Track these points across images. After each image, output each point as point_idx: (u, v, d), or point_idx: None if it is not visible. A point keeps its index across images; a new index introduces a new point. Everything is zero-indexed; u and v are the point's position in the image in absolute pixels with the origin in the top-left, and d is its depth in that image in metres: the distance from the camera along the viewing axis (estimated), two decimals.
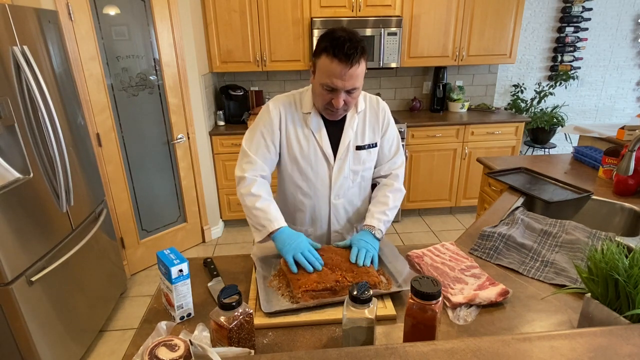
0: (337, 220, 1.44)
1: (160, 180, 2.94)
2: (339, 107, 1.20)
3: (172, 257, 0.99)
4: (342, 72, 1.13)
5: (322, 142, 1.32)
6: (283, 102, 1.33)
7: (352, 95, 1.21)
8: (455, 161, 3.52)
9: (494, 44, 3.49)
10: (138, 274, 2.91)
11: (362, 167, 1.38)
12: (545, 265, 1.23)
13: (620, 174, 1.59)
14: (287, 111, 1.32)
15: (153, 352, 0.70)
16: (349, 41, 1.11)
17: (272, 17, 3.19)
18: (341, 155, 1.34)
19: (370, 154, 1.39)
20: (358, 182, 1.41)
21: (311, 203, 1.40)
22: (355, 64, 1.13)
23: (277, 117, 1.31)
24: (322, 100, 1.22)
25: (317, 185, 1.37)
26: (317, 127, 1.32)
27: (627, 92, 4.25)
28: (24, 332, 1.70)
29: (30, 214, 1.73)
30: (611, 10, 3.90)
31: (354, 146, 1.35)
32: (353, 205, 1.45)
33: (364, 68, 1.18)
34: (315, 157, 1.34)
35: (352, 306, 0.83)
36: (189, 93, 2.93)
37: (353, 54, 1.11)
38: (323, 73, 1.16)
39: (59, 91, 2.00)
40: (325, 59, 1.14)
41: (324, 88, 1.19)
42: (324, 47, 1.14)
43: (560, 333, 0.79)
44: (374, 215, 1.33)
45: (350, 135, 1.34)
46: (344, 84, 1.15)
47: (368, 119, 1.37)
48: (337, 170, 1.35)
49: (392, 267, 1.19)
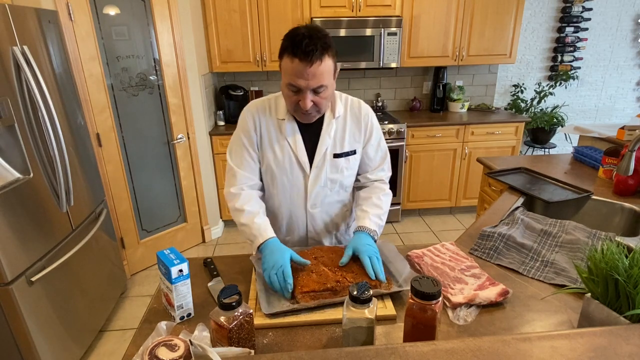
0: (314, 229, 1.39)
1: (160, 180, 2.94)
2: (306, 108, 1.15)
3: (172, 257, 0.99)
4: (303, 71, 1.08)
5: (297, 150, 1.27)
6: (258, 108, 1.29)
7: (320, 94, 1.14)
8: (455, 161, 3.52)
9: (494, 44, 3.49)
10: (138, 274, 2.91)
11: (340, 176, 1.32)
12: (545, 265, 1.23)
13: (620, 174, 1.59)
14: (262, 117, 1.28)
15: (153, 352, 0.70)
16: (308, 38, 1.06)
17: (272, 17, 3.19)
18: (317, 164, 1.29)
19: (349, 162, 1.32)
20: (336, 190, 1.35)
21: (287, 212, 1.35)
22: (317, 61, 1.07)
23: (252, 123, 1.28)
24: (291, 103, 1.18)
25: (292, 195, 1.32)
26: (292, 134, 1.27)
27: (627, 92, 4.25)
28: (23, 332, 1.70)
29: (30, 214, 1.73)
30: (611, 10, 3.90)
31: (331, 154, 1.29)
32: (330, 213, 1.39)
33: (331, 65, 1.13)
34: (290, 166, 1.29)
35: (352, 306, 0.83)
36: (189, 93, 2.93)
37: (312, 50, 1.06)
38: (286, 73, 1.12)
39: (59, 91, 1.99)
40: (286, 59, 1.10)
41: (289, 89, 1.14)
42: (285, 47, 1.10)
43: (560, 333, 0.79)
44: (371, 218, 1.28)
45: (327, 142, 1.28)
46: (308, 82, 1.10)
47: (348, 125, 1.30)
48: (313, 179, 1.30)
49: (392, 267, 1.19)
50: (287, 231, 1.40)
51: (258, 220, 1.23)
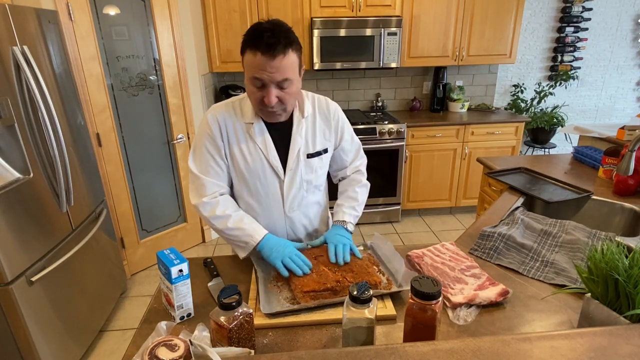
0: (294, 232, 1.37)
1: (160, 180, 2.94)
2: (271, 104, 1.10)
3: (172, 257, 0.99)
4: (266, 64, 1.05)
5: (269, 154, 1.23)
6: (222, 112, 1.23)
7: (285, 90, 1.11)
8: (455, 161, 3.52)
9: (494, 44, 3.49)
10: (138, 274, 2.91)
11: (314, 176, 1.30)
12: (545, 265, 1.23)
13: (620, 174, 1.59)
14: (228, 121, 1.22)
15: (153, 352, 0.70)
16: (270, 31, 1.04)
17: (272, 17, 3.17)
18: (291, 166, 1.25)
19: (322, 161, 1.31)
20: (312, 191, 1.33)
21: (264, 219, 1.30)
22: (280, 54, 1.04)
23: (217, 129, 1.21)
24: (255, 100, 1.13)
25: (269, 201, 1.28)
26: (262, 137, 1.22)
27: (627, 92, 4.25)
28: (23, 332, 1.70)
29: (30, 214, 1.73)
30: (611, 10, 3.90)
31: (304, 154, 1.26)
32: (308, 214, 1.37)
33: (295, 60, 1.10)
34: (263, 171, 1.24)
35: (352, 306, 0.83)
36: (189, 93, 2.93)
37: (275, 43, 1.03)
38: (250, 68, 1.08)
39: (59, 91, 1.99)
40: (249, 54, 1.07)
41: (253, 85, 1.10)
42: (246, 41, 1.07)
43: (560, 333, 0.79)
44: (344, 211, 1.32)
45: (299, 142, 1.24)
46: (271, 75, 1.06)
47: (318, 124, 1.28)
48: (288, 182, 1.26)
49: (391, 266, 1.19)
50: None
51: (248, 221, 1.22)
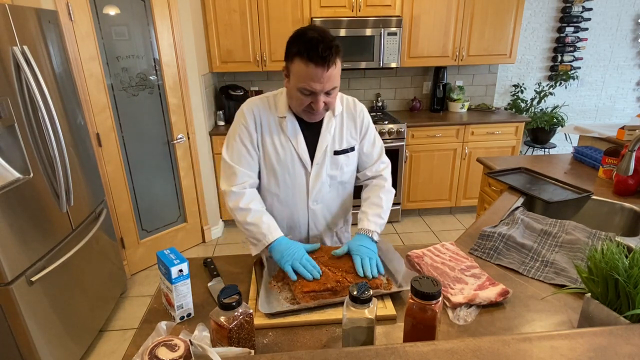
0: (315, 226, 1.41)
1: (160, 180, 2.94)
2: (319, 110, 1.18)
3: (172, 257, 0.99)
4: (319, 76, 1.10)
5: (299, 147, 1.29)
6: (257, 105, 1.29)
7: (331, 95, 1.18)
8: (455, 161, 3.52)
9: (494, 44, 3.49)
10: (138, 274, 2.91)
11: (339, 172, 1.35)
12: (545, 265, 1.23)
13: (620, 174, 1.59)
14: (263, 114, 1.28)
15: (153, 352, 0.70)
16: (322, 42, 1.07)
17: (272, 17, 3.19)
18: (318, 161, 1.30)
19: (348, 159, 1.35)
20: (336, 186, 1.38)
21: (288, 210, 1.37)
22: (332, 65, 1.10)
23: (252, 120, 1.27)
24: (301, 105, 1.19)
25: (294, 192, 1.34)
26: (294, 132, 1.28)
27: (627, 92, 4.25)
28: (24, 332, 1.70)
29: (30, 214, 1.73)
30: (611, 10, 3.90)
31: (331, 151, 1.31)
32: (331, 209, 1.41)
33: (340, 67, 1.15)
34: (292, 163, 1.30)
35: (352, 306, 0.83)
36: (189, 93, 2.93)
37: (328, 55, 1.07)
38: (299, 78, 1.12)
39: (59, 91, 1.99)
40: (299, 63, 1.10)
41: (301, 92, 1.15)
42: (297, 51, 1.10)
43: (560, 333, 0.79)
44: (369, 219, 1.29)
45: (327, 139, 1.30)
46: (323, 86, 1.12)
47: (345, 122, 1.33)
48: (314, 175, 1.32)
49: (392, 266, 1.19)
50: (288, 229, 1.41)
51: (266, 219, 1.24)
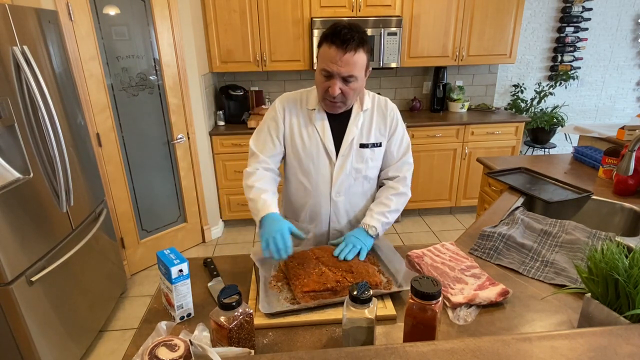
0: (337, 219, 1.42)
1: (160, 180, 2.94)
2: (334, 95, 1.21)
3: (172, 257, 0.99)
4: (337, 57, 1.15)
5: (325, 138, 1.33)
6: (289, 99, 1.37)
7: (349, 85, 1.21)
8: (455, 161, 3.52)
9: (494, 44, 3.49)
10: (138, 274, 2.91)
11: (364, 166, 1.37)
12: (545, 265, 1.23)
13: (620, 174, 1.59)
14: (292, 107, 1.35)
15: (153, 352, 0.70)
16: (347, 28, 1.15)
17: (272, 17, 3.19)
18: (344, 152, 1.34)
19: (374, 153, 1.37)
20: (360, 181, 1.39)
21: (312, 199, 1.40)
22: (351, 50, 1.15)
23: (281, 112, 1.35)
24: (321, 89, 1.24)
25: (318, 181, 1.37)
26: (321, 122, 1.33)
27: (627, 92, 4.25)
28: (24, 332, 1.69)
29: (30, 214, 1.73)
30: (611, 10, 3.90)
31: (357, 143, 1.34)
32: (354, 204, 1.42)
33: (364, 60, 1.19)
34: (317, 153, 1.34)
35: (352, 306, 0.83)
36: (189, 93, 2.93)
37: (349, 39, 1.14)
38: (321, 59, 1.20)
39: (59, 91, 1.99)
40: (324, 47, 1.19)
41: (322, 74, 1.21)
42: (325, 36, 1.18)
43: (560, 333, 0.79)
44: (372, 215, 1.32)
45: (354, 132, 1.33)
46: (339, 69, 1.16)
47: (375, 119, 1.36)
48: (338, 167, 1.35)
49: (392, 266, 1.19)
50: (310, 220, 1.43)
51: (265, 197, 1.26)
